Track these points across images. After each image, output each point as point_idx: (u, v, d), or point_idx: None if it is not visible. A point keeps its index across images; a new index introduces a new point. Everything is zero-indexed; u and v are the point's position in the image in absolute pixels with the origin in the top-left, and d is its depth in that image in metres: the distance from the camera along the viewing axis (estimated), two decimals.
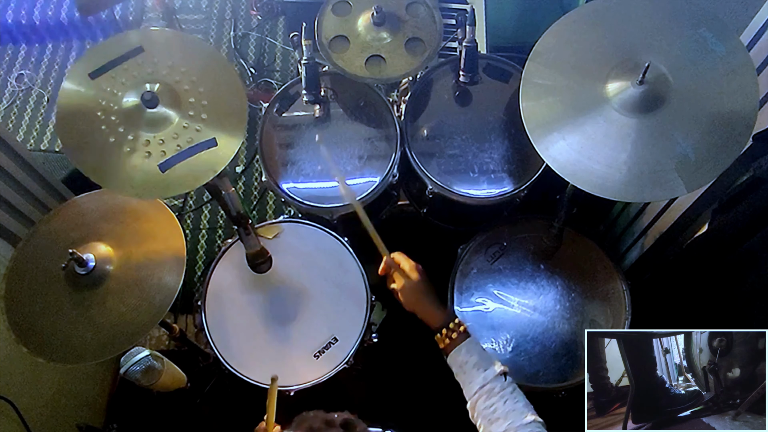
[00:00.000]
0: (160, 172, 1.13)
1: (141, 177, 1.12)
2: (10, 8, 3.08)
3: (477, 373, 1.02)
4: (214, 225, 2.54)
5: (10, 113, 2.94)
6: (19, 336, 1.23)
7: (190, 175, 1.13)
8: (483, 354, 1.06)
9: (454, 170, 1.56)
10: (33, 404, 1.52)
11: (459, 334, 1.08)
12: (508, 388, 1.00)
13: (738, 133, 1.05)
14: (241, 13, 3.14)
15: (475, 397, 1.01)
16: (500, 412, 0.97)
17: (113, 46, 1.20)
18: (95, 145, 1.14)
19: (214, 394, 1.76)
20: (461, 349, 1.06)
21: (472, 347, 1.06)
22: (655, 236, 1.63)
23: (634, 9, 1.17)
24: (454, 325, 1.10)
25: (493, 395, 0.99)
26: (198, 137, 1.15)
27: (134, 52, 1.19)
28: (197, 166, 1.14)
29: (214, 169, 1.14)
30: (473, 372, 1.03)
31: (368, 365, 1.58)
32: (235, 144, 1.16)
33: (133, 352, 1.40)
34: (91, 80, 1.17)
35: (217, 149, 1.15)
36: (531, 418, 0.95)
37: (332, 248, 1.53)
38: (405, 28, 1.53)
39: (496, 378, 1.01)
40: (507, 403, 0.97)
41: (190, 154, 1.14)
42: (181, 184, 1.14)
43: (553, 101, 1.16)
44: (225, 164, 1.15)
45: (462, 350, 1.06)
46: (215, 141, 1.15)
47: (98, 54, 1.19)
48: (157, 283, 1.26)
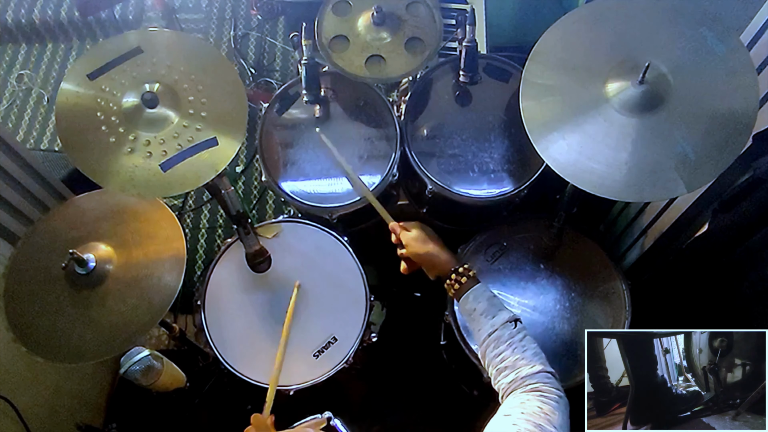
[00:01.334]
0: (162, 172, 1.13)
1: (142, 176, 1.13)
2: (10, 8, 3.08)
3: (485, 321, 1.01)
4: (214, 225, 2.54)
5: (10, 113, 2.94)
6: (18, 335, 1.23)
7: (191, 174, 1.14)
8: (492, 300, 1.04)
9: (454, 170, 1.55)
10: (32, 404, 1.52)
11: (468, 279, 1.07)
12: (517, 335, 0.97)
13: (738, 132, 1.05)
14: (241, 13, 3.14)
15: (484, 345, 1.00)
16: (508, 361, 0.95)
17: (112, 47, 1.20)
18: (95, 145, 1.14)
19: (213, 393, 1.76)
20: (469, 296, 1.05)
21: (480, 294, 1.05)
22: (655, 236, 1.63)
23: (634, 9, 1.16)
24: (463, 269, 1.08)
25: (502, 343, 0.97)
26: (199, 136, 1.15)
27: (133, 53, 1.19)
28: (198, 165, 1.14)
29: (215, 168, 1.14)
30: (481, 320, 1.02)
31: (368, 365, 1.58)
32: (235, 143, 1.16)
33: (132, 352, 1.40)
34: (90, 81, 1.17)
35: (218, 148, 1.15)
36: (539, 368, 0.93)
37: (332, 248, 1.53)
38: (405, 28, 1.52)
39: (504, 326, 0.98)
40: (515, 351, 0.95)
41: (191, 154, 1.14)
42: (183, 184, 1.14)
43: (553, 101, 1.16)
44: (226, 163, 1.15)
45: (470, 297, 1.05)
46: (216, 140, 1.15)
47: (97, 55, 1.19)
48: (157, 282, 1.27)
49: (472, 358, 1.42)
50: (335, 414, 1.20)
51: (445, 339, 1.69)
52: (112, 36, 1.28)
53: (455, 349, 1.49)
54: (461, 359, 1.48)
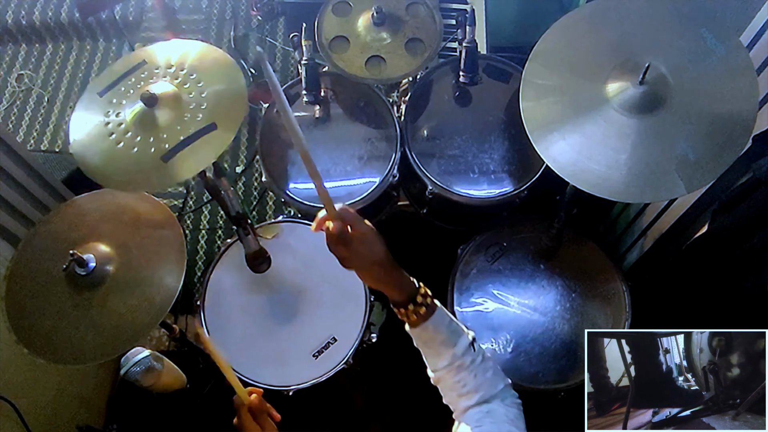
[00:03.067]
0: (163, 163, 1.14)
1: (145, 171, 1.14)
2: (10, 8, 3.08)
3: (445, 350, 0.91)
4: (214, 225, 2.53)
5: (10, 113, 2.94)
6: (20, 337, 1.23)
7: (192, 161, 1.15)
8: (450, 326, 0.92)
9: (454, 171, 1.56)
10: (33, 405, 1.52)
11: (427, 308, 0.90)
12: (477, 359, 0.91)
13: (738, 133, 1.05)
14: (241, 13, 3.14)
15: (440, 372, 0.93)
16: (471, 386, 0.90)
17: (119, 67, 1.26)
18: (99, 147, 1.15)
19: (213, 394, 1.76)
20: (428, 327, 0.90)
21: (440, 322, 0.91)
22: (655, 237, 1.63)
23: (634, 9, 1.17)
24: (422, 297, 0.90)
25: (463, 369, 0.90)
26: (198, 125, 1.16)
27: (137, 67, 1.23)
28: (197, 151, 1.15)
29: (215, 151, 1.15)
30: (441, 349, 0.92)
31: (367, 365, 1.58)
32: (235, 123, 1.17)
33: (133, 353, 1.40)
34: (100, 98, 1.22)
35: (217, 133, 1.16)
36: (501, 386, 0.91)
37: None
38: (405, 29, 1.53)
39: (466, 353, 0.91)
40: (477, 376, 0.91)
41: (192, 141, 1.15)
42: (184, 171, 1.15)
43: (553, 101, 1.16)
44: (226, 145, 1.16)
45: (429, 327, 0.91)
46: (215, 125, 1.15)
47: (105, 77, 1.25)
48: (158, 283, 1.26)
49: None
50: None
51: None
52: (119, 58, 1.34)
53: None
54: None
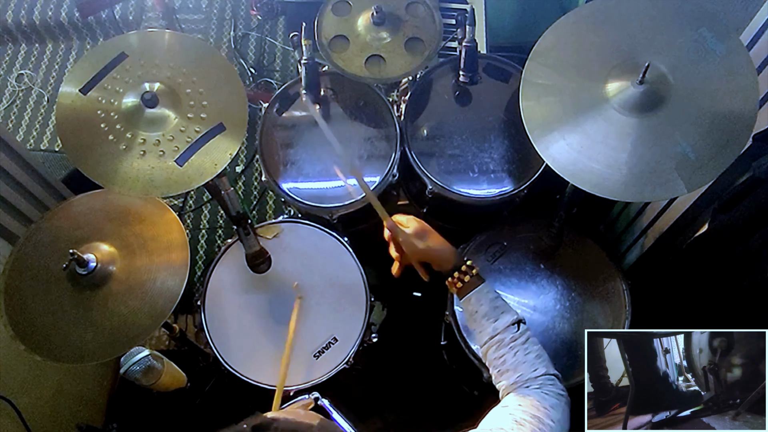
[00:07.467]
0: (179, 167, 1.14)
1: (161, 176, 1.15)
2: (10, 8, 3.08)
3: (487, 324, 0.99)
4: (214, 225, 2.54)
5: (10, 113, 2.94)
6: (17, 332, 1.22)
7: (208, 163, 1.15)
8: (494, 302, 1.01)
9: (454, 170, 1.56)
10: (33, 404, 1.52)
11: (470, 278, 1.03)
12: (520, 338, 0.96)
13: (738, 133, 1.05)
14: (241, 13, 3.14)
15: (485, 347, 0.99)
16: (509, 364, 0.94)
17: (98, 58, 1.21)
18: (106, 154, 1.15)
19: (214, 394, 1.76)
20: (471, 298, 1.02)
21: (482, 296, 1.02)
22: (655, 236, 1.63)
23: (634, 9, 1.16)
24: (466, 268, 1.03)
25: (503, 346, 0.95)
26: (205, 126, 1.17)
27: (118, 60, 1.21)
28: (212, 152, 1.16)
29: (230, 151, 1.16)
30: (483, 322, 0.99)
31: (368, 365, 1.58)
32: (241, 127, 1.18)
33: (133, 352, 1.40)
34: (84, 95, 1.18)
35: (226, 133, 1.17)
36: (542, 371, 0.92)
37: (332, 248, 1.53)
38: (405, 28, 1.53)
39: (507, 329, 0.97)
40: (517, 354, 0.94)
41: (203, 143, 1.16)
42: (202, 173, 1.15)
43: (553, 101, 1.16)
44: (238, 145, 1.17)
45: (471, 299, 1.02)
46: (223, 125, 1.17)
47: (85, 67, 1.20)
48: (160, 286, 1.26)
49: (472, 358, 1.42)
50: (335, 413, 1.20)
51: (445, 339, 1.69)
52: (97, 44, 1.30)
53: (456, 349, 1.49)
54: (462, 359, 1.48)
